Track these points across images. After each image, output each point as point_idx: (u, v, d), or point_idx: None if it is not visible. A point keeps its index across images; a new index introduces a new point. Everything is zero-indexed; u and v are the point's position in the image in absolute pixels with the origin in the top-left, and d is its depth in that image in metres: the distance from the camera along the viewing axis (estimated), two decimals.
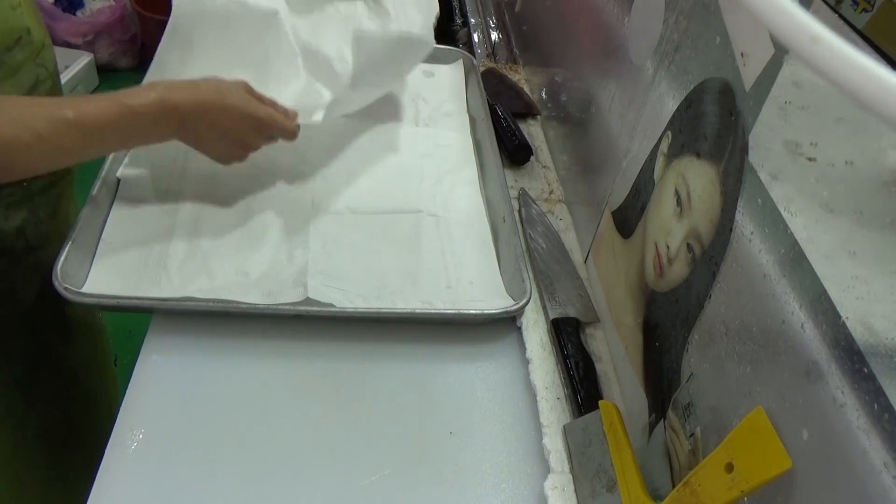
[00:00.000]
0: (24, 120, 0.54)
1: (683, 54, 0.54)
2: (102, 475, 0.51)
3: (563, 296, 0.69)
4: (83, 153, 0.58)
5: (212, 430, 0.55)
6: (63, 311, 0.79)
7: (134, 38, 2.37)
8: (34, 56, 0.65)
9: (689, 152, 0.51)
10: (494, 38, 1.20)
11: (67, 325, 0.81)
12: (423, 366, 0.62)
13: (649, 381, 0.56)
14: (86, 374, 0.87)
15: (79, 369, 0.85)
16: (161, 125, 0.61)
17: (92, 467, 0.52)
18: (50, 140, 0.54)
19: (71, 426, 0.84)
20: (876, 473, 0.31)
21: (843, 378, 0.33)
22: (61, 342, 0.80)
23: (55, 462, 0.81)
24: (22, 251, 0.69)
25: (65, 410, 0.82)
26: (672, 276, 0.53)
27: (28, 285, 0.72)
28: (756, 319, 0.41)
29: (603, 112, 0.74)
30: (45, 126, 0.55)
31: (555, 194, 0.85)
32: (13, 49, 0.62)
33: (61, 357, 0.80)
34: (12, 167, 0.55)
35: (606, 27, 0.75)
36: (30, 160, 0.55)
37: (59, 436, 0.82)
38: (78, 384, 0.85)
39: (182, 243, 0.66)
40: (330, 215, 0.72)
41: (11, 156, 0.53)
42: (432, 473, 0.55)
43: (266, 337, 0.62)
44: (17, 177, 0.61)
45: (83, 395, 0.87)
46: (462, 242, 0.72)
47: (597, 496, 0.52)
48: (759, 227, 0.42)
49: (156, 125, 0.60)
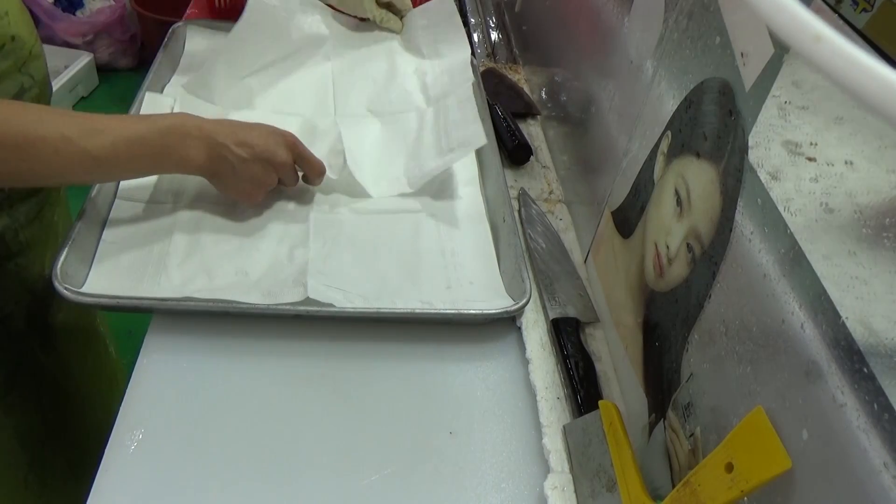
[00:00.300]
0: (51, 122, 0.53)
1: (683, 54, 0.54)
2: (102, 475, 0.51)
3: (562, 296, 0.69)
4: (112, 165, 0.57)
5: (212, 429, 0.55)
6: (46, 317, 0.79)
7: (133, 37, 2.38)
8: (20, 65, 0.64)
9: (689, 152, 0.51)
10: (494, 38, 1.20)
11: (51, 331, 0.80)
12: (422, 366, 0.62)
13: (649, 380, 0.56)
14: (72, 378, 0.87)
15: (63, 373, 0.84)
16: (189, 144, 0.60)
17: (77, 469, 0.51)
18: (78, 143, 0.53)
19: (52, 429, 0.84)
20: (876, 473, 0.31)
21: (842, 378, 0.33)
22: (43, 347, 0.79)
23: (33, 464, 0.80)
24: (1, 257, 0.69)
25: (46, 414, 0.82)
26: (672, 275, 0.53)
27: (6, 291, 0.71)
28: (756, 319, 0.41)
29: (603, 112, 0.74)
30: (73, 129, 0.53)
31: (555, 194, 0.85)
32: None
33: (42, 362, 0.80)
34: (34, 170, 0.53)
35: (606, 27, 0.75)
36: (56, 163, 0.54)
37: (39, 439, 0.81)
38: (62, 388, 0.85)
39: (182, 243, 0.65)
40: (330, 215, 0.72)
41: (38, 156, 0.52)
42: (432, 473, 0.55)
43: (266, 337, 0.62)
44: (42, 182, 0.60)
45: (69, 398, 0.87)
46: (462, 242, 0.72)
47: (597, 496, 0.52)
48: (758, 227, 0.42)
49: (183, 144, 0.60)
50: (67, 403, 0.87)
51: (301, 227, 0.70)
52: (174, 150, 0.60)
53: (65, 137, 0.53)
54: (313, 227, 0.70)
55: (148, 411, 0.55)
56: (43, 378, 0.81)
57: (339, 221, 0.71)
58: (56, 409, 0.84)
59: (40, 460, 0.81)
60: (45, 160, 0.53)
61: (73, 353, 0.86)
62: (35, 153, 0.52)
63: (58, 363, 0.83)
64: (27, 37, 0.65)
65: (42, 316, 0.78)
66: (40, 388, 0.80)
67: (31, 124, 0.52)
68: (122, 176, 0.65)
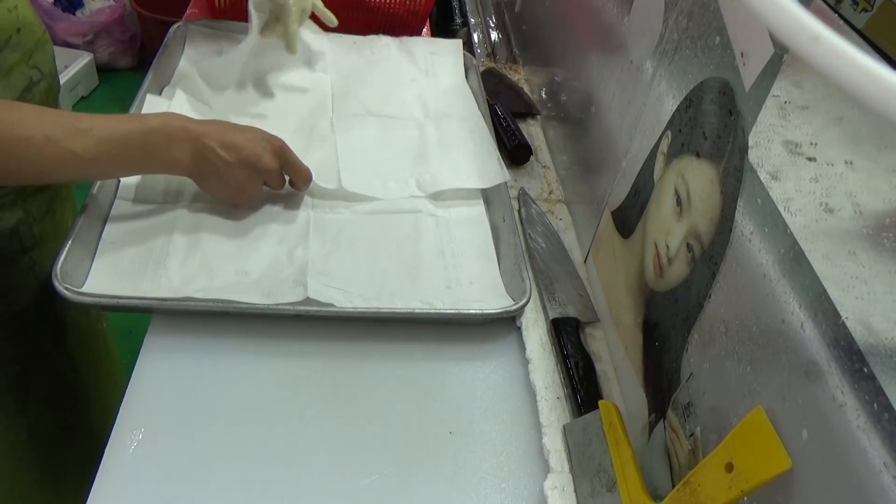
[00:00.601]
0: (35, 122, 0.53)
1: (683, 54, 0.54)
2: (102, 475, 0.51)
3: (562, 295, 0.69)
4: (97, 165, 0.57)
5: (212, 429, 0.55)
6: (57, 313, 0.79)
7: (133, 37, 2.37)
8: (27, 57, 0.64)
9: (689, 152, 0.51)
10: (494, 38, 1.20)
11: (62, 327, 0.81)
12: (423, 365, 0.62)
13: (649, 380, 0.56)
14: (80, 376, 0.87)
15: (72, 371, 0.85)
16: (175, 146, 0.61)
17: (85, 468, 0.51)
18: (62, 143, 0.54)
19: (63, 427, 0.84)
20: (875, 473, 0.31)
21: (842, 378, 0.33)
22: (55, 343, 0.80)
23: (47, 463, 0.81)
24: (15, 252, 0.69)
25: (57, 411, 0.82)
26: (672, 275, 0.53)
27: (21, 286, 0.71)
28: (756, 319, 0.41)
29: (603, 112, 0.74)
30: (58, 129, 0.54)
31: (554, 194, 0.85)
32: (3, 50, 0.61)
33: (54, 358, 0.80)
34: (22, 169, 0.54)
35: (606, 27, 0.75)
36: (41, 163, 0.54)
37: (52, 437, 0.82)
38: (71, 385, 0.85)
39: (182, 243, 0.66)
40: (330, 214, 0.72)
41: (22, 155, 0.52)
42: (432, 473, 0.55)
43: (266, 336, 0.62)
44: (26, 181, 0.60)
45: (77, 396, 0.87)
46: (462, 242, 0.72)
47: (596, 496, 0.52)
48: (758, 227, 0.42)
49: (168, 145, 0.60)
50: (76, 403, 0.87)
51: (301, 227, 0.70)
52: (159, 151, 0.60)
53: (48, 138, 0.53)
54: (313, 227, 0.70)
55: (148, 411, 0.55)
56: (55, 376, 0.81)
57: (338, 221, 0.71)
58: (67, 409, 0.84)
59: (53, 461, 0.82)
60: (30, 160, 0.53)
61: (81, 350, 0.87)
62: (20, 153, 0.52)
63: (68, 361, 0.84)
64: (35, 27, 0.65)
65: (53, 312, 0.78)
66: (53, 387, 0.81)
67: (15, 124, 0.52)
68: (109, 175, 0.65)
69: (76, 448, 0.87)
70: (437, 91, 0.92)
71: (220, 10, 0.97)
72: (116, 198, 0.69)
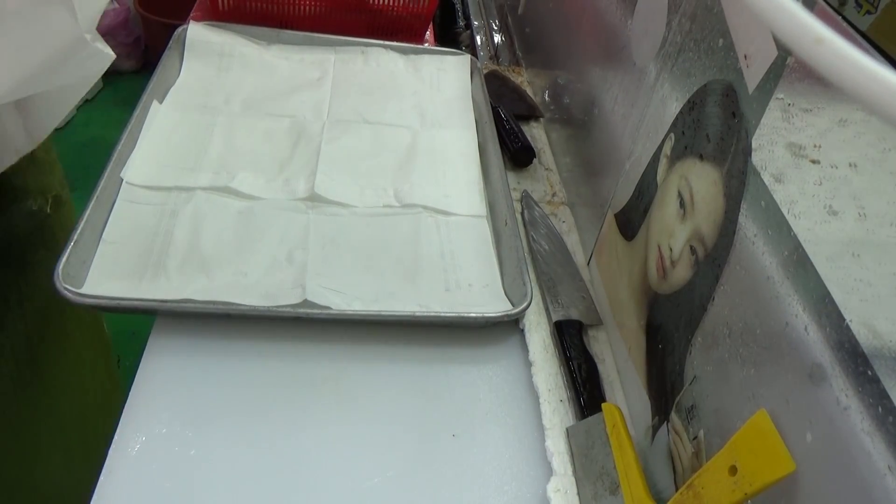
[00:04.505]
0: None
1: (686, 56, 0.54)
2: (105, 478, 0.51)
3: (565, 298, 0.69)
4: None
5: (215, 432, 0.55)
6: (56, 314, 0.79)
7: (138, 40, 2.38)
8: None
9: (692, 154, 0.51)
10: (497, 41, 1.20)
11: (63, 328, 0.81)
12: (425, 368, 0.62)
13: (652, 383, 0.56)
14: (80, 377, 0.87)
15: (72, 371, 0.85)
16: None
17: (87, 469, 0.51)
18: None
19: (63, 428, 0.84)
20: (880, 476, 0.31)
21: (846, 381, 0.33)
22: (55, 344, 0.80)
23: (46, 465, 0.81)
24: (15, 252, 0.69)
25: (56, 412, 0.82)
26: (675, 278, 0.53)
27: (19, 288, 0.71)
28: (759, 322, 0.41)
29: (606, 114, 0.74)
30: None
31: (557, 196, 0.85)
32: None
33: (54, 359, 0.80)
34: None
35: (609, 29, 0.75)
36: None
37: (50, 439, 0.82)
38: (71, 386, 0.85)
39: (182, 244, 0.66)
40: (329, 216, 0.72)
41: None
42: (435, 476, 0.55)
43: (267, 338, 0.62)
44: None
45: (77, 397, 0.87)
46: (462, 245, 0.72)
47: (600, 499, 0.51)
48: (762, 230, 0.42)
49: None
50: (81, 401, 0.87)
51: (300, 228, 0.70)
52: None
53: None
54: (312, 228, 0.70)
55: (151, 414, 0.55)
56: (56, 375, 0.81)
57: (338, 223, 0.71)
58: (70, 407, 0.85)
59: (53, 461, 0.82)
60: None
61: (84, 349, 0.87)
62: None
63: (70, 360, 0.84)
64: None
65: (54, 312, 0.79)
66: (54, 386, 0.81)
67: None
68: None
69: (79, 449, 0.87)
70: (437, 102, 0.92)
71: (224, 12, 0.98)
72: (118, 198, 0.69)
